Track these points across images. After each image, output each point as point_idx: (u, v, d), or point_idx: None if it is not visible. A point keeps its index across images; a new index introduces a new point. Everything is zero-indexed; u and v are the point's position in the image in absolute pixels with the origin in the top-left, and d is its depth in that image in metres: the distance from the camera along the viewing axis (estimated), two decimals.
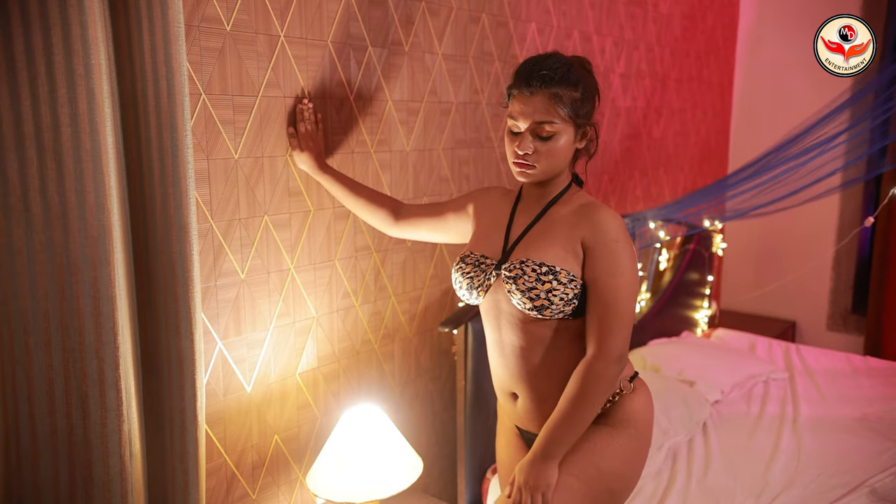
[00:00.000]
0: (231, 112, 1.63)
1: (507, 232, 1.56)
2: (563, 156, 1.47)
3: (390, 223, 1.79)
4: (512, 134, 1.47)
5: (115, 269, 1.31)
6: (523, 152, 1.44)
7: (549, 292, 1.41)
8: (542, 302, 1.42)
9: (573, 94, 1.42)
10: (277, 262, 1.79)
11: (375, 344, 2.11)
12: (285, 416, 1.87)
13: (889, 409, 2.53)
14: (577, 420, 1.41)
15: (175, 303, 1.42)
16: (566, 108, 1.42)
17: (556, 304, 1.42)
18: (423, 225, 1.77)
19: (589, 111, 1.47)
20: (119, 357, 1.34)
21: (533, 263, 1.44)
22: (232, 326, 1.70)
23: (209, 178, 1.61)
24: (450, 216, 1.73)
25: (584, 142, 1.50)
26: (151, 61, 1.34)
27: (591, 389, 1.41)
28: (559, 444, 1.41)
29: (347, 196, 1.80)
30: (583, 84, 1.45)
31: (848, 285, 4.02)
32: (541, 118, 1.42)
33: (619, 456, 1.49)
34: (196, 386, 1.47)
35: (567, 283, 1.42)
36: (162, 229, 1.40)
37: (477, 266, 1.54)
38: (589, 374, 1.41)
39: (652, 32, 3.31)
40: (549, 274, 1.42)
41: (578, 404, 1.41)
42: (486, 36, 2.34)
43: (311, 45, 1.79)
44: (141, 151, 1.38)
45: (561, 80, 1.42)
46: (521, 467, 1.43)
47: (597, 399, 1.42)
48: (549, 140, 1.43)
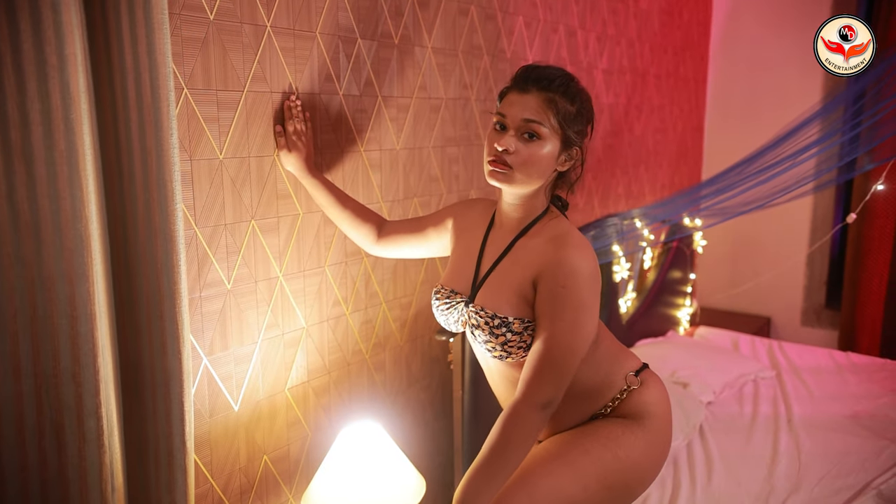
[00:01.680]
0: (215, 108, 1.50)
1: (477, 264, 1.49)
2: (542, 167, 1.36)
3: (373, 240, 1.71)
4: (494, 131, 1.39)
5: (95, 284, 1.17)
6: (503, 148, 1.34)
7: (504, 344, 1.38)
8: (499, 353, 1.39)
9: (568, 107, 1.35)
10: (265, 270, 1.66)
11: (366, 354, 1.99)
12: (274, 434, 1.74)
13: (878, 406, 2.53)
14: (497, 465, 1.28)
15: (160, 319, 1.29)
16: (558, 117, 1.34)
17: (515, 353, 1.38)
18: (404, 241, 1.69)
19: (580, 132, 1.38)
20: (99, 382, 1.21)
21: (486, 315, 1.39)
22: (218, 341, 1.57)
23: (192, 180, 1.47)
24: (430, 231, 1.66)
25: (568, 164, 1.40)
26: (132, 52, 1.20)
27: (511, 435, 1.29)
28: (478, 491, 1.28)
29: (334, 206, 1.68)
30: (580, 101, 1.38)
31: (821, 281, 4.06)
32: (530, 116, 1.33)
33: (637, 446, 1.43)
34: (184, 409, 1.34)
35: (522, 332, 1.37)
36: (145, 238, 1.26)
37: (449, 303, 1.50)
38: (511, 419, 1.30)
39: (633, 28, 3.26)
40: (502, 326, 1.37)
41: (500, 449, 1.29)
42: (474, 29, 2.24)
43: (299, 36, 1.67)
44: (121, 152, 1.24)
45: (560, 87, 1.35)
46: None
47: (518, 444, 1.29)
48: (532, 144, 1.34)
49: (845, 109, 2.79)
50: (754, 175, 2.76)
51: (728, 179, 2.96)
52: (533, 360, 1.32)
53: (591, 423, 1.48)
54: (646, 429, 1.45)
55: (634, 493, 1.47)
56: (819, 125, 2.81)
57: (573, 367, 1.33)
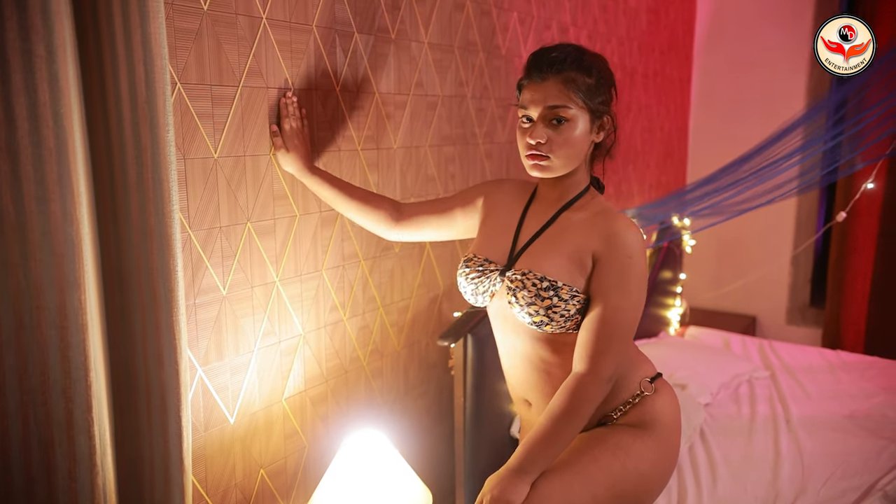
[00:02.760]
0: (209, 104, 1.42)
1: (515, 235, 1.44)
2: (579, 147, 1.35)
3: (390, 225, 1.63)
4: (523, 127, 1.37)
5: (87, 292, 1.09)
6: (535, 141, 1.33)
7: (549, 309, 1.33)
8: (541, 318, 1.33)
9: (587, 80, 1.33)
10: (262, 275, 1.58)
11: (364, 361, 1.92)
12: (271, 447, 1.66)
13: (874, 405, 2.52)
14: (559, 437, 1.30)
15: (156, 328, 1.21)
16: (580, 93, 1.32)
17: (556, 321, 1.34)
18: (427, 224, 1.62)
19: (605, 100, 1.37)
20: (91, 397, 1.12)
21: (534, 277, 1.34)
22: (213, 350, 1.49)
23: (186, 180, 1.39)
24: (457, 212, 1.60)
25: (601, 134, 1.39)
26: (125, 42, 1.12)
27: (577, 408, 1.30)
28: (536, 461, 1.29)
29: (339, 199, 1.61)
30: (597, 71, 1.36)
31: (806, 279, 4.07)
32: (553, 103, 1.32)
33: (646, 457, 1.40)
34: (181, 424, 1.25)
35: (569, 300, 1.33)
36: (139, 242, 1.18)
37: (481, 271, 1.43)
38: (577, 392, 1.31)
39: (623, 26, 3.23)
40: (550, 290, 1.32)
41: (562, 421, 1.30)
42: (470, 24, 2.18)
43: (296, 29, 1.59)
44: (113, 150, 1.15)
45: (573, 63, 1.33)
46: (491, 478, 1.30)
47: (581, 418, 1.31)
48: (563, 128, 1.32)
49: (828, 117, 2.80)
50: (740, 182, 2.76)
51: (715, 183, 2.96)
52: (595, 333, 1.31)
53: (601, 430, 1.43)
54: (656, 439, 1.41)
55: (643, 503, 1.43)
56: (803, 132, 2.81)
57: (631, 340, 1.36)
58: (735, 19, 3.97)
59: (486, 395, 1.98)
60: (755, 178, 2.70)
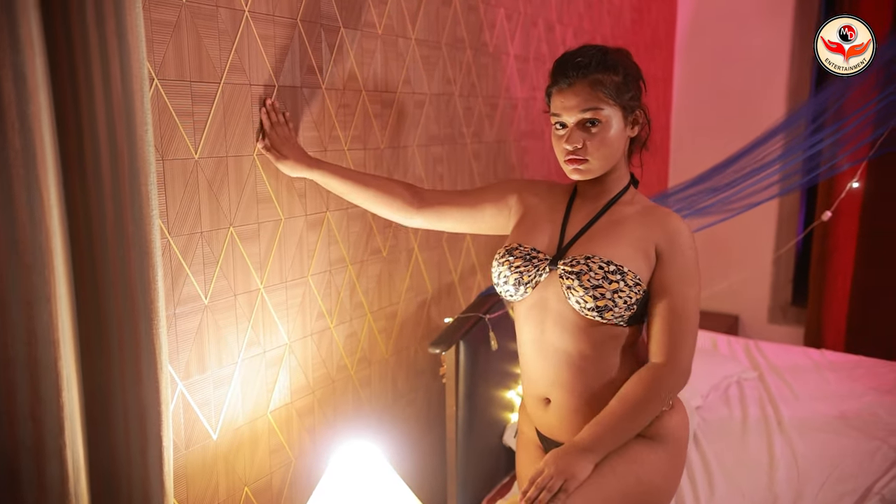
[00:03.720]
0: (189, 102, 1.33)
1: (563, 228, 1.43)
2: (616, 145, 1.35)
3: (410, 211, 1.57)
4: (558, 133, 1.37)
5: (58, 306, 1.00)
6: (573, 147, 1.33)
7: (616, 293, 1.31)
8: (605, 302, 1.31)
9: (614, 79, 1.32)
10: (245, 283, 1.50)
11: (352, 369, 1.84)
12: (256, 463, 1.58)
13: (863, 405, 2.51)
14: (629, 424, 1.33)
15: (135, 343, 1.12)
16: (609, 93, 1.31)
17: (619, 307, 1.32)
18: (451, 214, 1.58)
19: (634, 95, 1.36)
20: (64, 419, 1.03)
21: (600, 260, 1.33)
22: (195, 363, 1.40)
23: (165, 183, 1.30)
24: (487, 207, 1.57)
25: (635, 129, 1.39)
26: (98, 33, 1.03)
27: (652, 397, 1.33)
28: (603, 443, 1.31)
29: (353, 189, 1.54)
30: (622, 67, 1.35)
31: (787, 278, 4.08)
32: (585, 106, 1.31)
33: (659, 470, 1.40)
34: (162, 445, 1.17)
35: (632, 286, 1.33)
36: (116, 250, 1.09)
37: (528, 260, 1.41)
38: (655, 383, 1.33)
39: (607, 24, 3.19)
40: (617, 273, 1.32)
41: (636, 409, 1.33)
42: (457, 21, 2.12)
43: (279, 22, 1.51)
44: (85, 152, 1.06)
45: (598, 65, 1.32)
46: (554, 452, 1.31)
47: (655, 409, 1.35)
48: (597, 130, 1.32)
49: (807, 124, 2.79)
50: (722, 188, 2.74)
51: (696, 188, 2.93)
52: (670, 324, 1.33)
53: None
54: (669, 453, 1.42)
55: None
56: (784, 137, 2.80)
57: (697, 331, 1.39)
58: (716, 18, 3.96)
59: (479, 403, 1.92)
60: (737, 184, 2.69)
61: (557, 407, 1.44)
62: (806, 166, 2.79)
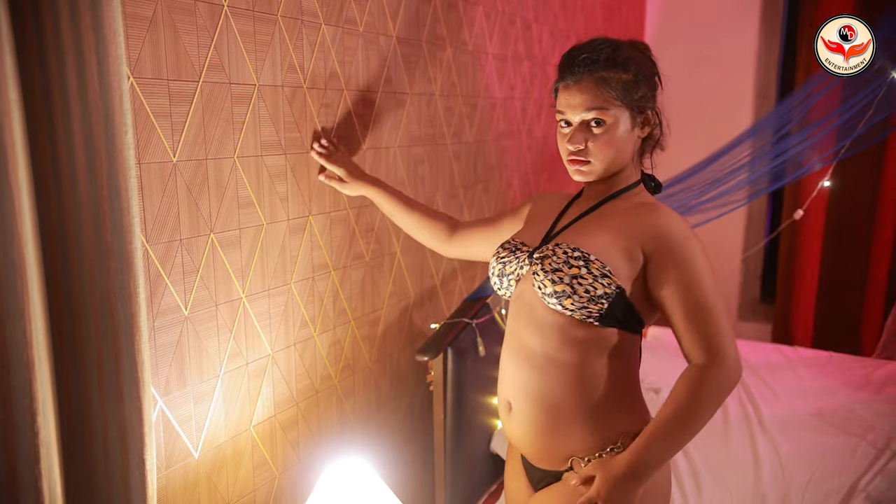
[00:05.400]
0: (167, 101, 1.25)
1: (554, 223, 1.38)
2: (622, 146, 1.27)
3: (445, 240, 1.64)
4: (562, 131, 1.30)
5: (32, 324, 0.92)
6: (575, 147, 1.26)
7: (574, 278, 1.21)
8: (563, 287, 1.21)
9: (623, 77, 1.24)
10: (227, 292, 1.42)
11: (336, 379, 1.78)
12: (240, 480, 1.50)
13: (839, 402, 2.54)
14: (682, 432, 1.19)
15: (115, 360, 1.04)
16: (616, 92, 1.23)
17: (580, 296, 1.21)
18: (476, 237, 1.60)
19: (646, 95, 1.27)
20: (39, 446, 0.95)
21: (566, 247, 1.25)
22: (175, 378, 1.32)
23: (142, 188, 1.22)
24: (505, 222, 1.56)
25: (646, 129, 1.31)
26: (72, 28, 0.95)
27: (704, 397, 1.19)
28: (661, 459, 1.20)
29: (400, 211, 1.65)
30: (634, 65, 1.26)
31: (756, 276, 4.14)
32: (589, 106, 1.24)
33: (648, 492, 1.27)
34: (145, 468, 1.09)
35: (598, 276, 1.21)
36: (94, 261, 1.01)
37: (512, 252, 1.36)
38: (703, 381, 1.19)
39: (581, 22, 3.18)
40: (581, 260, 1.22)
41: (688, 414, 1.18)
42: (437, 18, 2.07)
43: (260, 18, 1.44)
44: (59, 155, 0.98)
45: (607, 61, 1.24)
46: (607, 477, 1.19)
47: (711, 408, 1.20)
48: (602, 131, 1.25)
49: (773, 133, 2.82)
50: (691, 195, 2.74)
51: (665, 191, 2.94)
52: (693, 320, 1.21)
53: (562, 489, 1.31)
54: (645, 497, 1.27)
55: None
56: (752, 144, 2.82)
57: None
58: (684, 17, 3.98)
59: (467, 410, 1.87)
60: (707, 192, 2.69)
61: (517, 413, 1.33)
62: (775, 169, 2.81)
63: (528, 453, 1.36)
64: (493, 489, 2.02)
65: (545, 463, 1.34)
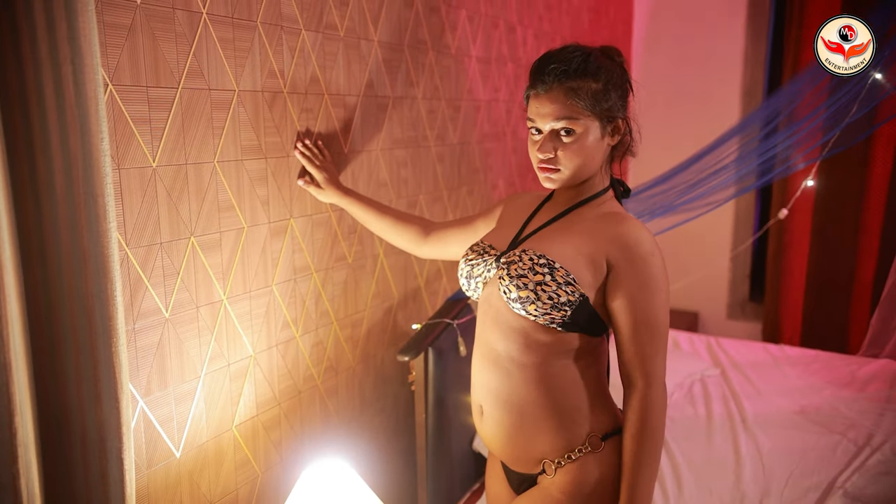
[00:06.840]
0: (146, 108, 1.28)
1: (522, 227, 1.40)
2: (591, 155, 1.28)
3: (419, 242, 1.67)
4: (533, 139, 1.31)
5: (10, 327, 0.95)
6: (544, 156, 1.27)
7: (539, 285, 1.23)
8: (527, 293, 1.23)
9: (592, 86, 1.24)
10: (207, 294, 1.45)
11: (318, 379, 1.80)
12: (222, 479, 1.53)
13: (823, 399, 2.57)
14: (652, 462, 1.26)
15: (93, 362, 1.06)
16: (585, 102, 1.23)
17: (543, 303, 1.23)
18: (451, 237, 1.63)
19: (616, 104, 1.27)
20: (17, 447, 0.98)
21: (533, 253, 1.27)
22: (156, 379, 1.35)
23: (121, 193, 1.25)
24: (479, 223, 1.58)
25: (616, 137, 1.31)
26: (48, 38, 0.98)
27: (654, 424, 1.25)
28: (640, 490, 1.26)
29: (373, 217, 1.69)
30: (605, 74, 1.25)
31: (745, 274, 4.17)
32: (558, 115, 1.24)
33: None
34: (124, 468, 1.12)
35: (562, 284, 1.23)
36: (71, 266, 1.04)
37: (480, 255, 1.38)
38: (644, 407, 1.25)
39: (566, 25, 3.21)
40: (546, 267, 1.24)
41: (650, 445, 1.25)
42: (419, 22, 2.09)
43: (239, 25, 1.46)
44: (36, 162, 1.01)
45: (576, 71, 1.24)
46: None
47: (658, 429, 1.26)
48: (571, 140, 1.26)
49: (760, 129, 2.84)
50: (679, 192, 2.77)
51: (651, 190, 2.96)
52: (641, 340, 1.25)
53: None
54: None
55: None
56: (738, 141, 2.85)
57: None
58: (671, 18, 4.01)
59: (448, 409, 1.90)
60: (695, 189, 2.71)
61: (487, 417, 1.35)
62: (761, 167, 2.83)
63: (502, 456, 1.38)
64: (476, 487, 2.04)
65: (519, 466, 1.36)
